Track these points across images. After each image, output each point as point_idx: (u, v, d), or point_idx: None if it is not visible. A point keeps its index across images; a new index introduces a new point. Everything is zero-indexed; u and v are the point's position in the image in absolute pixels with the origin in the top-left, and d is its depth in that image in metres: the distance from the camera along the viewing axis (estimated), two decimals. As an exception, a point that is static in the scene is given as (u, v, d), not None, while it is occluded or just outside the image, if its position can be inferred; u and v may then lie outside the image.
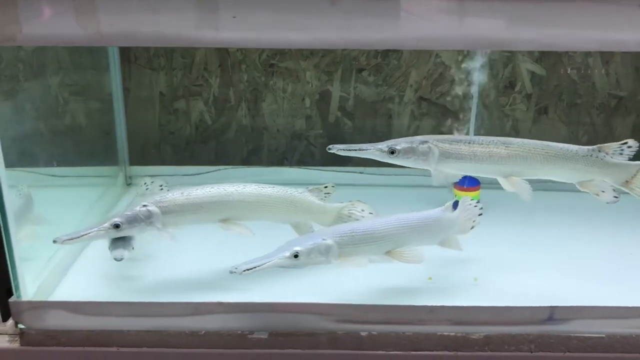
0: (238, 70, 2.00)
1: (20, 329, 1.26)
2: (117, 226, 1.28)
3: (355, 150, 1.30)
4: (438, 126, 2.04)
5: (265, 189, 1.37)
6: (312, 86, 2.03)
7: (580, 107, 2.00)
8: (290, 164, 2.11)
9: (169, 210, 1.30)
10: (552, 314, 1.25)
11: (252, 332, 1.27)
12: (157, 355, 1.26)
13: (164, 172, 2.00)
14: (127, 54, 1.96)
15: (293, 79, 2.02)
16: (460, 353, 1.26)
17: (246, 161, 2.10)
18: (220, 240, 1.37)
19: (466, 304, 1.25)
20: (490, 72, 1.97)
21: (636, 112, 1.99)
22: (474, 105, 1.93)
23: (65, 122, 1.82)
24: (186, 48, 1.97)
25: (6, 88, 1.63)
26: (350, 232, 1.27)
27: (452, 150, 1.27)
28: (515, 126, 2.04)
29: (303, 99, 2.04)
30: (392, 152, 1.28)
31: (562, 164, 1.27)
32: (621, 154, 1.26)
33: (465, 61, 1.96)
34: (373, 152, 1.28)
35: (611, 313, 1.25)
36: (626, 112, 1.99)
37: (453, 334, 1.27)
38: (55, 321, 1.25)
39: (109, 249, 1.34)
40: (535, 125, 2.03)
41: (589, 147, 1.28)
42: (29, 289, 1.29)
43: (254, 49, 1.98)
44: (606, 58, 1.94)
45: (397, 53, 1.99)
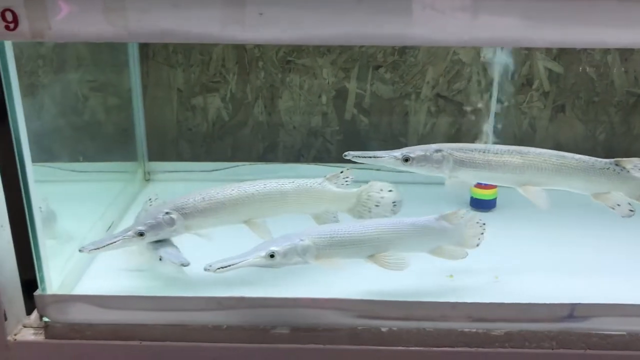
0: (255, 67, 2.01)
1: (45, 322, 1.28)
2: (141, 234, 1.29)
3: (370, 157, 1.30)
4: (454, 123, 2.05)
5: (285, 185, 1.38)
6: (328, 83, 2.03)
7: (598, 105, 2.00)
8: (307, 161, 2.12)
9: (191, 216, 1.31)
10: (572, 311, 1.25)
11: (274, 327, 1.28)
12: (180, 349, 1.28)
13: (182, 168, 2.02)
14: (145, 51, 1.97)
15: (310, 75, 2.02)
16: (480, 349, 1.27)
17: (262, 157, 2.10)
18: (244, 233, 1.37)
19: (487, 301, 1.26)
20: (508, 70, 1.97)
21: (655, 111, 1.99)
22: (492, 104, 1.93)
23: (85, 118, 1.84)
24: (204, 45, 1.98)
25: (27, 83, 1.64)
26: (330, 233, 1.28)
27: (466, 158, 1.27)
28: (532, 124, 2.03)
29: (319, 96, 2.05)
30: (406, 160, 1.29)
31: (577, 176, 1.27)
32: None
33: (482, 58, 1.96)
34: (387, 159, 1.29)
35: (633, 311, 1.25)
36: (644, 110, 1.99)
37: (474, 330, 1.27)
38: (79, 315, 1.27)
39: (161, 259, 1.33)
40: (552, 123, 2.03)
41: (606, 160, 1.28)
42: (54, 282, 1.30)
43: (271, 46, 1.99)
44: (625, 55, 1.94)
45: (414, 50, 1.99)
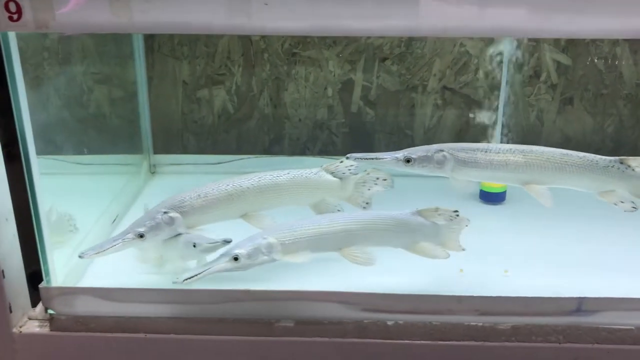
0: (260, 59, 2.00)
1: (50, 314, 1.28)
2: (141, 236, 1.28)
3: (372, 159, 1.30)
4: (461, 116, 2.03)
5: (281, 177, 1.36)
6: (334, 75, 2.02)
7: (607, 97, 1.97)
8: (312, 154, 2.11)
9: (189, 214, 1.30)
10: (580, 305, 1.24)
11: (278, 320, 1.27)
12: (185, 342, 1.27)
13: (187, 161, 2.02)
14: (150, 43, 1.96)
15: (315, 68, 2.01)
16: (487, 343, 1.26)
17: (268, 150, 2.10)
18: (248, 225, 1.37)
19: (494, 295, 1.25)
20: (515, 62, 1.95)
21: (664, 103, 1.96)
22: (501, 96, 1.91)
23: (90, 111, 1.84)
24: (210, 37, 1.97)
25: (32, 76, 1.64)
26: (294, 228, 1.28)
27: (467, 158, 1.26)
28: (539, 117, 2.01)
29: (325, 88, 2.03)
30: (408, 161, 1.28)
31: (581, 174, 1.26)
32: None
33: (490, 50, 1.94)
34: (389, 160, 1.29)
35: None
36: (654, 103, 1.97)
37: (480, 324, 1.26)
38: (84, 307, 1.27)
39: (195, 245, 1.32)
40: (560, 116, 2.01)
41: (610, 158, 1.26)
42: (59, 274, 1.30)
43: (276, 38, 1.98)
44: (635, 48, 1.91)
45: (421, 42, 1.97)
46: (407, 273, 1.41)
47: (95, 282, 1.36)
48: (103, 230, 1.53)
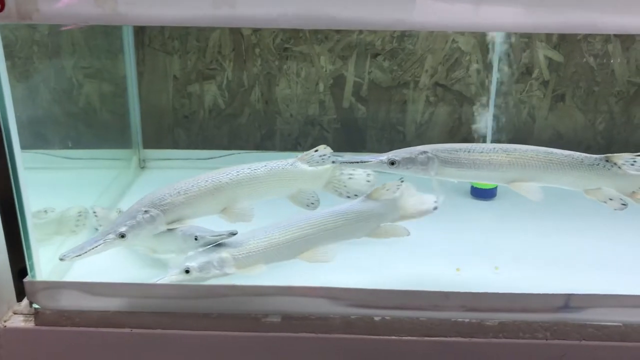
0: (252, 54, 1.99)
1: (35, 308, 1.27)
2: (122, 236, 1.26)
3: (357, 162, 1.29)
4: (453, 112, 2.03)
5: (258, 169, 1.35)
6: (326, 71, 2.01)
7: (598, 94, 1.97)
8: (304, 149, 2.09)
9: (169, 211, 1.28)
10: (567, 302, 1.24)
11: (265, 316, 1.27)
12: (171, 337, 1.27)
13: (177, 156, 2.01)
14: (141, 37, 1.95)
15: (307, 63, 2.00)
16: (474, 339, 1.26)
17: (259, 146, 2.09)
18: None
19: (481, 291, 1.24)
20: (507, 58, 1.95)
21: (655, 100, 1.96)
22: (492, 93, 1.91)
23: (79, 105, 1.83)
24: (201, 31, 1.96)
25: (21, 70, 1.63)
26: (246, 241, 1.26)
27: (451, 159, 1.26)
28: (531, 113, 2.01)
29: (317, 84, 2.03)
30: (392, 163, 1.27)
31: (566, 172, 1.25)
32: (633, 165, 1.23)
33: (482, 46, 1.93)
34: (374, 163, 1.28)
35: (629, 301, 1.23)
36: (645, 100, 1.96)
37: (467, 320, 1.26)
38: (69, 301, 1.26)
39: (197, 238, 1.31)
40: (552, 113, 2.00)
41: (596, 156, 1.25)
42: (44, 269, 1.29)
43: (268, 33, 1.97)
44: (627, 45, 1.91)
45: (413, 38, 1.97)
46: (396, 268, 1.41)
47: (81, 276, 1.36)
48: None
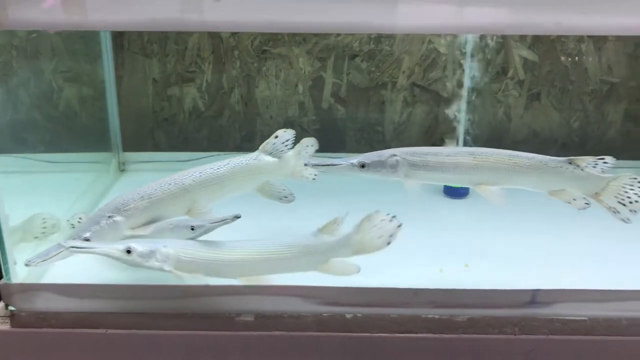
0: (231, 57, 2.01)
1: (11, 311, 1.29)
2: (87, 241, 1.26)
3: (329, 165, 1.32)
4: (430, 112, 2.05)
5: (222, 168, 1.36)
6: (305, 72, 2.03)
7: (573, 93, 2.00)
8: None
9: (133, 216, 1.29)
10: (534, 297, 1.26)
11: (239, 315, 1.29)
12: (146, 337, 1.28)
13: (157, 158, 2.02)
14: (120, 41, 1.97)
15: (286, 65, 2.02)
16: (444, 335, 1.28)
17: (240, 147, 2.11)
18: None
19: (449, 288, 1.27)
20: (483, 58, 1.98)
21: (628, 99, 1.99)
22: (464, 92, 1.94)
23: (59, 109, 1.84)
24: (180, 34, 1.98)
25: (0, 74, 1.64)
26: (195, 249, 1.25)
27: (419, 162, 1.29)
28: (507, 112, 2.04)
29: (296, 86, 2.05)
30: (363, 166, 1.30)
31: (531, 174, 1.28)
32: (595, 167, 1.27)
33: (457, 47, 1.96)
34: (345, 166, 1.31)
35: (593, 296, 1.26)
36: (618, 99, 1.99)
37: (437, 316, 1.28)
38: (45, 303, 1.27)
39: (194, 229, 1.34)
40: (528, 112, 2.03)
41: (560, 158, 1.29)
42: (19, 271, 1.31)
43: (246, 35, 1.99)
44: (599, 44, 1.94)
45: (390, 39, 1.99)
46: (366, 267, 1.43)
47: (57, 278, 1.37)
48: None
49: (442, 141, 2.00)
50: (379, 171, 1.30)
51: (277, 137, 1.39)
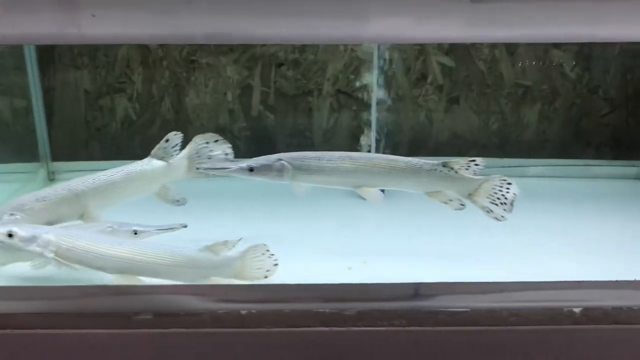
0: (159, 67, 2.07)
1: None
2: None
3: (220, 168, 1.38)
4: (355, 118, 2.12)
5: (115, 175, 1.42)
6: (233, 81, 2.10)
7: (490, 96, 2.08)
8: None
9: (30, 216, 1.34)
10: (417, 290, 1.32)
11: (137, 314, 1.34)
12: (50, 336, 1.33)
13: (89, 167, 2.07)
14: (51, 54, 2.03)
15: (214, 74, 2.09)
16: (335, 328, 1.33)
17: (172, 155, 2.16)
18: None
19: (337, 282, 1.33)
20: (403, 65, 2.05)
21: (541, 100, 2.07)
22: (373, 98, 2.01)
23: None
24: (109, 47, 2.04)
25: None
26: (76, 238, 1.28)
27: (303, 166, 1.36)
28: (428, 116, 2.11)
29: (225, 94, 2.11)
30: (251, 170, 1.37)
31: (407, 177, 1.37)
32: (467, 169, 1.34)
33: (375, 54, 2.03)
34: (235, 169, 1.38)
35: (472, 288, 1.32)
36: (532, 101, 2.07)
37: (328, 310, 1.34)
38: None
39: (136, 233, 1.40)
40: (448, 115, 2.11)
41: (434, 162, 1.37)
42: None
43: (174, 46, 2.05)
44: (511, 49, 2.02)
45: (314, 48, 2.06)
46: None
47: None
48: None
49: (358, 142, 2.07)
50: (266, 174, 1.37)
51: (167, 140, 1.44)
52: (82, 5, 1.11)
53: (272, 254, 1.33)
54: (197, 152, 1.46)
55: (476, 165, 1.34)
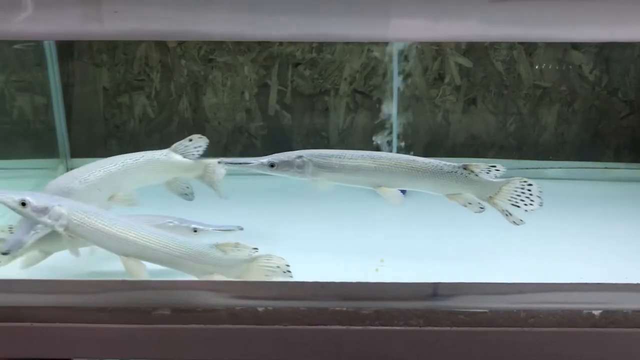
0: (178, 66, 2.08)
1: None
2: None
3: (241, 163, 1.40)
4: (373, 118, 2.12)
5: (139, 159, 1.44)
6: (250, 80, 2.11)
7: (508, 97, 2.07)
8: (234, 156, 2.19)
9: (74, 197, 1.37)
10: (435, 290, 1.32)
11: (155, 309, 1.35)
12: (69, 330, 1.34)
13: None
14: (71, 51, 2.05)
15: (232, 73, 2.10)
16: (352, 327, 1.34)
17: (189, 153, 2.17)
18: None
19: (354, 281, 1.33)
20: (420, 65, 2.05)
21: (560, 102, 2.06)
22: (394, 99, 2.01)
23: (11, 117, 1.92)
24: (127, 44, 2.06)
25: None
26: (87, 212, 1.29)
27: (324, 163, 1.37)
28: (446, 117, 2.11)
29: (242, 93, 2.12)
30: (272, 166, 1.39)
31: (427, 178, 1.37)
32: (488, 173, 1.34)
33: (394, 54, 2.03)
34: (256, 165, 1.39)
35: (492, 289, 1.32)
36: (550, 102, 2.06)
37: (345, 309, 1.34)
38: (-33, 298, 1.34)
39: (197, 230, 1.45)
40: (465, 116, 2.10)
41: (455, 164, 1.36)
42: (-51, 268, 1.37)
43: (192, 44, 2.07)
44: (530, 50, 2.01)
45: (331, 47, 2.07)
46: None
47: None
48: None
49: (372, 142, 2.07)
50: (287, 171, 1.38)
51: (191, 140, 1.46)
52: (104, 2, 1.12)
53: (289, 270, 1.34)
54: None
55: (497, 170, 1.34)
